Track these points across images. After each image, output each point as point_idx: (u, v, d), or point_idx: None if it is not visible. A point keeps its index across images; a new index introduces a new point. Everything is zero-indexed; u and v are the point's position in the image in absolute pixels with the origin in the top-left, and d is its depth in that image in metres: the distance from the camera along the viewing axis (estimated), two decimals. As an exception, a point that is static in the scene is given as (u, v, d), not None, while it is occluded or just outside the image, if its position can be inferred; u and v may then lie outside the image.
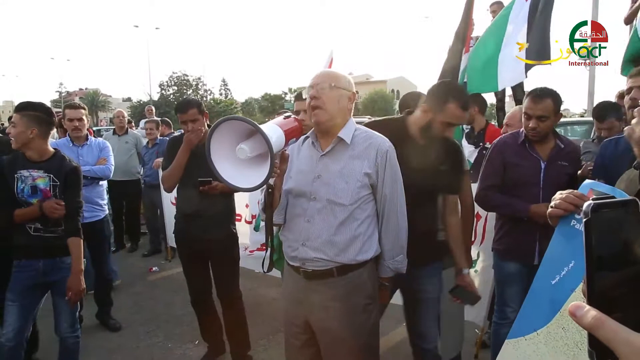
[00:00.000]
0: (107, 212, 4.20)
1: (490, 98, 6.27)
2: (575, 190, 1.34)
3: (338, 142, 2.00)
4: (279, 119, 1.86)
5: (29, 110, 2.75)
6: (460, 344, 2.90)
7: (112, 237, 5.13)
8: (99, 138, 4.61)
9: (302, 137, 2.13)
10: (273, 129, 1.68)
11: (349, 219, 1.95)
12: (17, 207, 2.73)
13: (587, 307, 0.56)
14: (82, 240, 2.81)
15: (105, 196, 4.25)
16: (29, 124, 2.70)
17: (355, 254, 1.96)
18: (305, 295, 2.06)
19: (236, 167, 1.66)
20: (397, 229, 2.04)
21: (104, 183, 4.24)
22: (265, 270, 2.12)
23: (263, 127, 1.62)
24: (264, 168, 1.61)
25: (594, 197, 0.59)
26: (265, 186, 1.89)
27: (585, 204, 0.58)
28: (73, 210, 2.81)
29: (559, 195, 1.36)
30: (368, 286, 2.04)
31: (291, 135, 1.81)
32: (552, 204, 1.34)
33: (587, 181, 1.39)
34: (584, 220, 0.58)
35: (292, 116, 1.92)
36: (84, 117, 4.05)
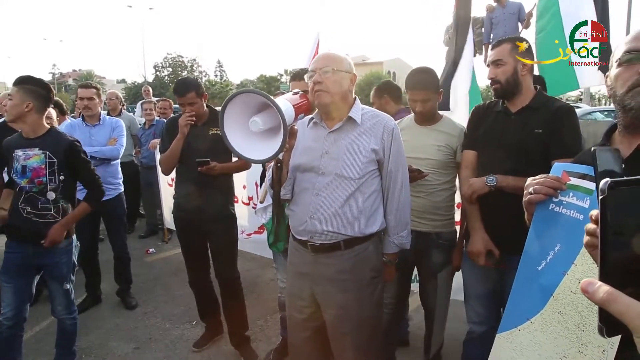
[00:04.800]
0: (120, 190, 4.20)
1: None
2: (549, 174, 1.33)
3: (347, 121, 2.06)
4: (289, 94, 1.89)
5: (28, 84, 2.73)
6: (443, 334, 2.98)
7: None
8: (114, 117, 4.60)
9: (307, 118, 2.16)
10: (284, 103, 1.70)
11: (357, 192, 2.01)
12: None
13: (599, 282, 0.57)
14: (89, 208, 2.89)
15: (119, 175, 4.25)
16: (25, 98, 2.69)
17: (362, 227, 2.02)
18: (311, 269, 2.10)
19: (247, 139, 1.68)
20: (402, 204, 2.11)
21: (117, 162, 4.22)
22: (271, 243, 2.16)
23: (275, 100, 1.63)
24: (274, 141, 1.63)
25: (611, 178, 0.59)
26: (272, 165, 1.90)
27: (602, 182, 0.58)
28: (91, 183, 2.93)
29: (532, 180, 1.34)
30: (374, 259, 2.10)
31: (300, 110, 1.83)
32: (530, 189, 1.32)
33: (557, 163, 1.36)
34: (600, 197, 0.58)
35: (301, 92, 1.95)
36: (95, 97, 4.11)
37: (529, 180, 1.36)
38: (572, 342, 1.22)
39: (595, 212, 0.70)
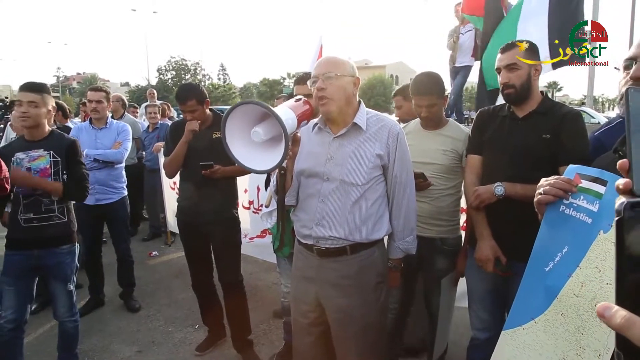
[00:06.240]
0: (124, 194, 4.23)
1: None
2: (562, 176, 1.32)
3: (352, 127, 2.04)
4: (291, 101, 1.86)
5: (45, 91, 2.82)
6: (446, 340, 2.98)
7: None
8: (121, 121, 4.65)
9: (312, 123, 2.14)
10: (286, 112, 1.69)
11: (362, 198, 1.99)
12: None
13: (616, 307, 0.54)
14: (59, 192, 2.76)
15: (123, 179, 4.28)
16: (48, 104, 2.79)
17: (368, 232, 2.01)
18: (317, 273, 2.09)
19: (250, 149, 1.68)
20: (407, 209, 2.09)
21: (121, 166, 4.25)
22: (276, 249, 2.14)
23: (276, 110, 1.62)
24: (278, 150, 1.62)
25: (629, 198, 0.57)
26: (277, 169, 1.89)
27: (618, 202, 0.56)
28: (79, 182, 2.86)
29: (545, 181, 1.34)
30: (379, 265, 2.09)
31: (303, 117, 1.81)
32: (541, 190, 1.32)
33: (571, 165, 1.36)
34: (616, 218, 0.56)
35: (303, 99, 1.92)
36: (104, 100, 4.14)
37: (542, 180, 1.36)
38: (571, 344, 1.23)
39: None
